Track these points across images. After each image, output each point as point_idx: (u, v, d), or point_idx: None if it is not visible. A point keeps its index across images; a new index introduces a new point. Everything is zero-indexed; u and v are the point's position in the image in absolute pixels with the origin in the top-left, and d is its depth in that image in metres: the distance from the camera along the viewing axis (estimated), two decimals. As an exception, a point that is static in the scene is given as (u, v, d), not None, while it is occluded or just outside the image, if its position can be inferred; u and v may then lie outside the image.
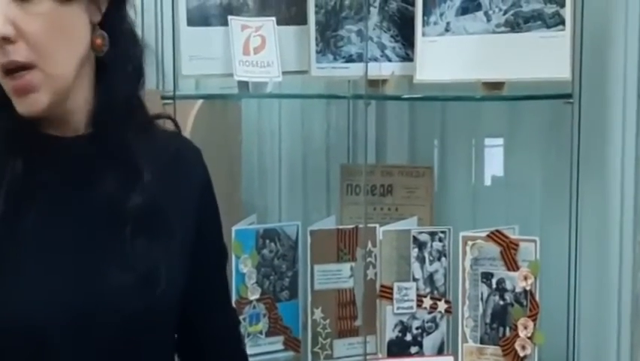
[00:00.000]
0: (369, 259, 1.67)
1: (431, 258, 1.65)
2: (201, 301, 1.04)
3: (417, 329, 1.65)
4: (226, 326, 1.10)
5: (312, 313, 1.68)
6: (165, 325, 0.98)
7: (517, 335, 1.55)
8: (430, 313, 1.65)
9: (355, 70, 1.63)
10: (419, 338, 1.65)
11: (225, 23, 1.65)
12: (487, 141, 1.80)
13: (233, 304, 1.64)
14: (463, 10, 1.54)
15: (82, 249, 0.92)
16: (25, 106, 0.89)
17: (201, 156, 1.08)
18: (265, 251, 1.70)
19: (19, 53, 0.87)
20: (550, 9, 1.48)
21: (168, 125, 1.07)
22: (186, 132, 1.77)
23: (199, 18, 1.67)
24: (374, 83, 1.61)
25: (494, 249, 1.57)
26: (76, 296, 0.90)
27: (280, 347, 1.71)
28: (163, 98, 1.59)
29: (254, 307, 1.68)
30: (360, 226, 1.67)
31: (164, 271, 0.93)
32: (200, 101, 1.80)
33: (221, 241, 1.09)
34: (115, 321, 0.91)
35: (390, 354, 1.64)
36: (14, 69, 0.87)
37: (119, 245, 0.93)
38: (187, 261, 0.99)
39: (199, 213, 1.03)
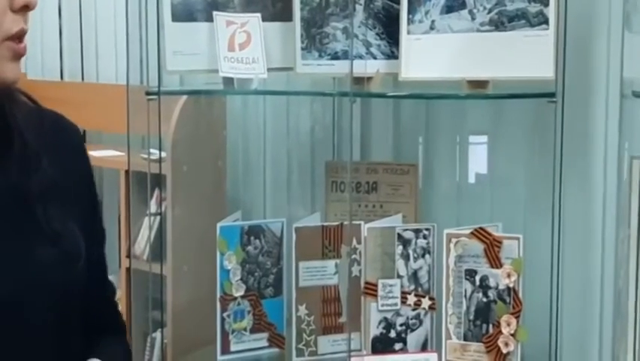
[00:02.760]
0: (353, 256, 1.67)
1: (415, 255, 1.65)
2: (89, 273, 1.05)
3: (401, 325, 1.65)
4: (106, 294, 1.15)
5: (297, 309, 1.68)
6: (81, 296, 1.02)
7: (500, 332, 1.57)
8: (414, 310, 1.65)
9: (340, 67, 1.63)
10: (403, 335, 1.65)
11: (210, 19, 1.64)
12: (472, 139, 1.81)
13: (218, 301, 1.67)
14: (448, 9, 1.54)
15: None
16: (17, 70, 0.95)
17: (79, 129, 1.12)
18: (250, 248, 1.70)
19: (28, 22, 0.95)
20: (534, 8, 1.48)
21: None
22: (170, 128, 1.78)
23: (184, 13, 1.66)
24: (359, 81, 1.61)
25: (478, 246, 1.58)
26: (5, 278, 0.92)
27: (264, 343, 1.71)
28: (147, 93, 1.59)
29: (238, 303, 1.68)
30: (345, 222, 1.67)
31: (82, 244, 0.99)
32: (184, 97, 1.80)
33: (100, 216, 1.14)
34: (45, 297, 0.95)
35: (374, 351, 1.64)
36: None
37: (34, 224, 0.96)
38: (86, 234, 1.03)
39: (86, 186, 1.08)
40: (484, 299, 1.59)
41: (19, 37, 0.93)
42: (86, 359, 1.05)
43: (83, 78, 2.56)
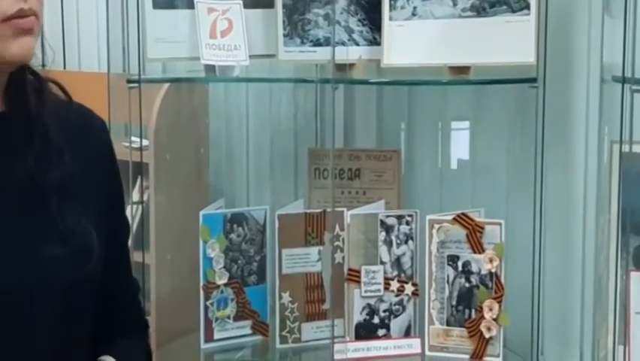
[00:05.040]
0: (336, 243, 1.67)
1: (398, 241, 1.66)
2: (110, 271, 1.04)
3: (384, 311, 1.66)
4: (129, 293, 1.14)
5: (280, 297, 1.69)
6: (94, 294, 1.00)
7: (482, 317, 1.58)
8: (397, 296, 1.66)
9: (323, 54, 1.63)
10: (386, 321, 1.66)
11: (192, 6, 1.64)
12: (454, 125, 1.81)
13: (201, 289, 1.66)
14: (430, -6, 1.54)
15: (10, 226, 0.93)
16: (23, 46, 0.91)
17: (106, 125, 1.09)
18: (233, 235, 1.70)
19: (34, 2, 0.91)
20: (515, -7, 1.49)
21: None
22: (152, 116, 1.77)
23: (165, 0, 1.65)
24: (341, 67, 1.61)
25: (460, 232, 1.59)
26: (12, 273, 0.91)
27: (248, 331, 1.71)
28: (129, 81, 1.58)
29: (222, 291, 1.68)
30: (328, 209, 1.68)
31: (96, 242, 0.96)
32: (166, 85, 1.79)
33: (125, 214, 1.13)
34: (53, 294, 0.93)
35: (357, 337, 1.65)
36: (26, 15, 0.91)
37: (48, 220, 0.94)
38: (103, 232, 1.01)
39: (109, 184, 1.05)
40: (467, 285, 1.59)
41: (19, 16, 0.90)
42: (100, 357, 1.04)
43: (65, 66, 2.54)
